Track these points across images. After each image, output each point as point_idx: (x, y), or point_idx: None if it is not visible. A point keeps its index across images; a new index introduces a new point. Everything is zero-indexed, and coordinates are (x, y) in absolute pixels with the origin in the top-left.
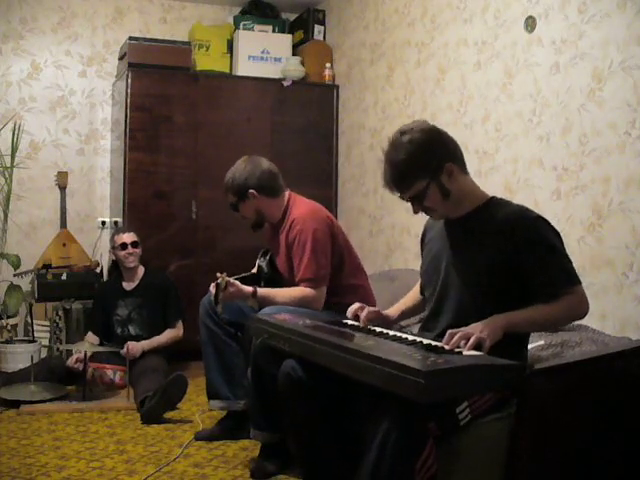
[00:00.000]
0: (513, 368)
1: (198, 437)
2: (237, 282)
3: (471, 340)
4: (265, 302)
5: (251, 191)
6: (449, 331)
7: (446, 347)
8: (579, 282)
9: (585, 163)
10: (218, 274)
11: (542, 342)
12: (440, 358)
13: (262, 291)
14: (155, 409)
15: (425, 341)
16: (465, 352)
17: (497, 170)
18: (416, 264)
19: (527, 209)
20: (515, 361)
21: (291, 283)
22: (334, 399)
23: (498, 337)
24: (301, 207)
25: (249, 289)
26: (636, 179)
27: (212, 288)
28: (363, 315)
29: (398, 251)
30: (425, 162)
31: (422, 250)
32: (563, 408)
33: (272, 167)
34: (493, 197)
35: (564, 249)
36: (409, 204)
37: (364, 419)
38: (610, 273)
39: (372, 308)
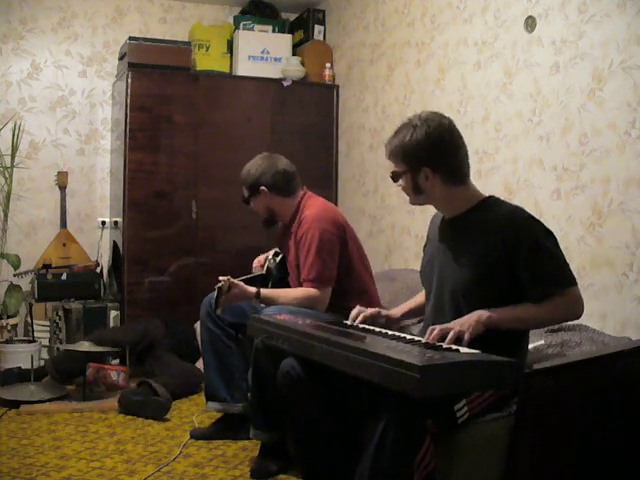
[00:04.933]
0: (510, 365)
1: (193, 435)
2: (241, 283)
3: (450, 335)
4: (268, 303)
5: (262, 188)
6: (430, 327)
7: (423, 341)
8: (571, 284)
9: (585, 163)
10: (221, 277)
11: (542, 342)
12: (437, 354)
13: (265, 292)
14: (131, 408)
15: (423, 339)
16: (462, 349)
17: (497, 170)
18: (416, 264)
19: (520, 209)
20: (513, 359)
21: (299, 283)
22: (333, 398)
23: (479, 331)
24: (313, 207)
25: (252, 290)
26: (636, 179)
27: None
28: (362, 316)
29: (398, 251)
30: (409, 156)
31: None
32: (563, 408)
33: (288, 167)
34: (489, 197)
35: (557, 250)
36: (409, 204)
37: (363, 417)
38: (610, 273)
39: (372, 309)
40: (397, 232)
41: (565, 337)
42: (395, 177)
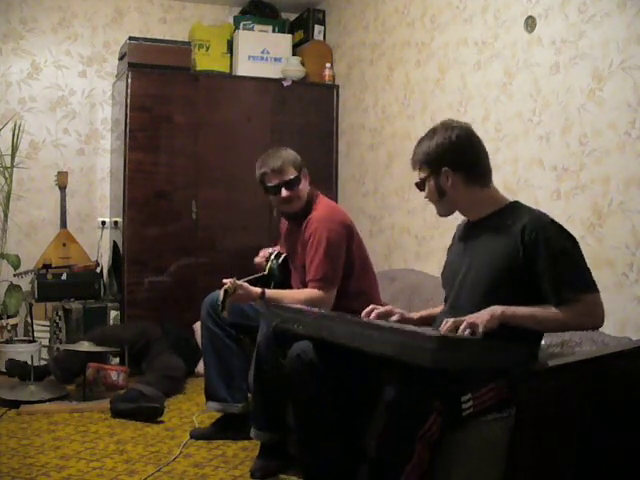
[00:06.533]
0: (522, 350)
1: (193, 435)
2: (245, 284)
3: (463, 324)
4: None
5: (305, 170)
6: (445, 319)
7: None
8: (590, 290)
9: (585, 163)
10: (225, 280)
11: (542, 342)
12: (451, 334)
13: (270, 292)
14: (123, 413)
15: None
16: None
17: (497, 170)
18: (415, 264)
19: (544, 214)
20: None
21: (302, 283)
22: (340, 386)
23: (493, 325)
24: (321, 208)
25: (257, 290)
26: (636, 179)
27: (221, 293)
28: (375, 313)
29: (398, 251)
30: (430, 159)
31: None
32: (563, 408)
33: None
34: (514, 202)
35: (578, 255)
36: (409, 204)
37: (365, 409)
38: (610, 273)
39: (386, 307)
40: (397, 232)
41: (565, 337)
42: (420, 184)
